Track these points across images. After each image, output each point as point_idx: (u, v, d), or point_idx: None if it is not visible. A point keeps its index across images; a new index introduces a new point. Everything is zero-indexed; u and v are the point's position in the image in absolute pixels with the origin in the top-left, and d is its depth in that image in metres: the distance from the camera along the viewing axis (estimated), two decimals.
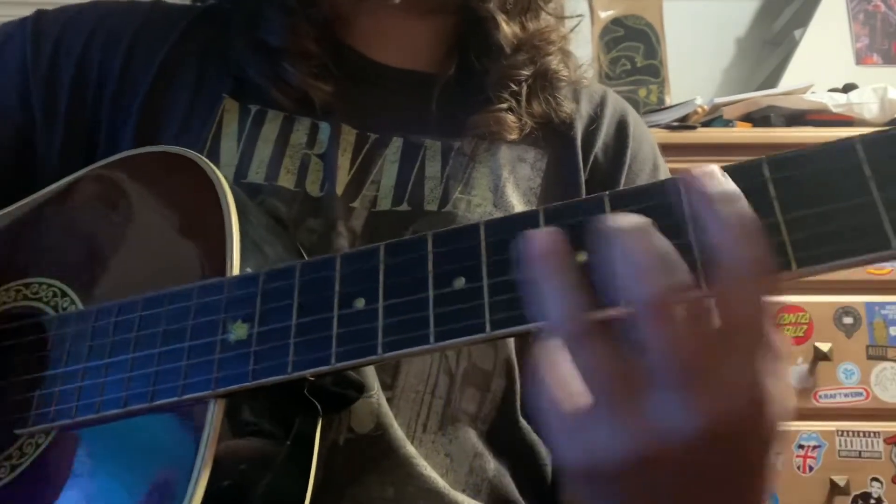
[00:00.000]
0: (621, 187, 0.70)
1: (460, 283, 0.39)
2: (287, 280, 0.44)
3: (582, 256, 0.36)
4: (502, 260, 0.39)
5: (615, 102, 0.76)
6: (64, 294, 0.53)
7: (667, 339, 0.33)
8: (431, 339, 0.39)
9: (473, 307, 0.39)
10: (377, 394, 0.56)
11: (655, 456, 0.34)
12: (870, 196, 0.33)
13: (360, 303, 0.41)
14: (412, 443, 0.57)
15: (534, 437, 0.64)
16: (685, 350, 0.33)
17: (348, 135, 0.66)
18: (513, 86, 0.69)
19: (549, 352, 0.37)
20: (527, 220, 0.39)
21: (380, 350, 0.40)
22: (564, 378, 0.36)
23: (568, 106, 0.72)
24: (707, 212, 0.34)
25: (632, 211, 0.36)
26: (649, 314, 0.33)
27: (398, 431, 0.56)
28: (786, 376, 0.36)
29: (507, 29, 0.69)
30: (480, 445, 0.60)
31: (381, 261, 0.42)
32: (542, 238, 0.36)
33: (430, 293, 0.40)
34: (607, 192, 0.38)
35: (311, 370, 0.42)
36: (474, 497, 0.59)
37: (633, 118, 0.75)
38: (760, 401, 0.34)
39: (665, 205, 0.36)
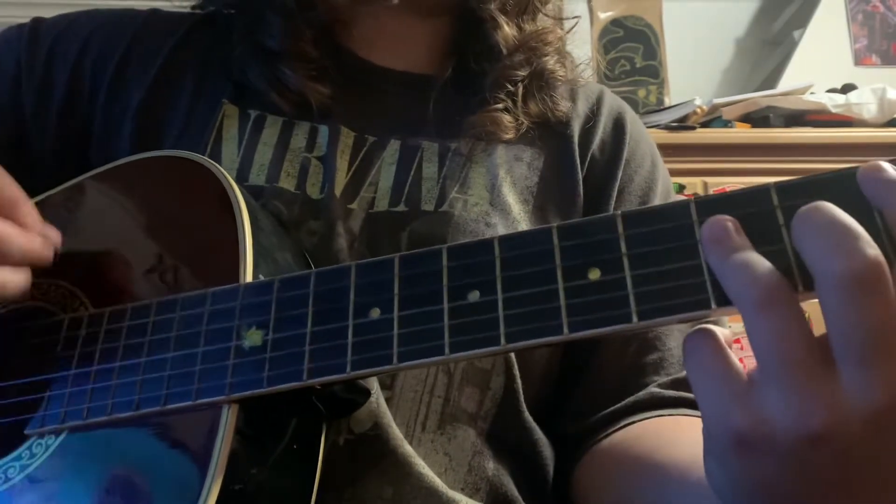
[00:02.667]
0: (618, 185, 0.70)
1: (475, 296, 0.40)
2: (302, 288, 0.44)
3: None
4: (516, 275, 0.40)
5: (612, 101, 0.76)
6: (73, 295, 0.53)
7: (865, 311, 0.32)
8: (446, 349, 0.39)
9: (488, 320, 0.39)
10: (376, 394, 0.56)
11: (829, 433, 0.33)
12: None
13: (375, 313, 0.42)
14: (411, 442, 0.57)
15: (536, 435, 0.64)
16: (877, 325, 0.32)
17: (347, 137, 0.66)
18: (509, 86, 0.69)
19: (705, 332, 0.37)
20: (540, 236, 0.40)
21: (395, 360, 0.40)
22: (725, 350, 0.36)
23: (564, 105, 0.72)
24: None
25: (644, 231, 0.38)
26: (845, 287, 0.32)
27: (396, 431, 0.57)
28: None
29: (507, 30, 0.69)
30: (480, 444, 0.61)
31: (396, 272, 0.42)
32: (716, 224, 0.36)
33: (445, 305, 0.40)
34: (620, 212, 0.39)
35: (327, 378, 0.42)
36: (473, 496, 0.59)
37: (630, 116, 0.76)
38: None
39: (681, 226, 0.37)
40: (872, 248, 0.32)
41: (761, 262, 0.35)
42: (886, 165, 0.35)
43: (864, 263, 0.32)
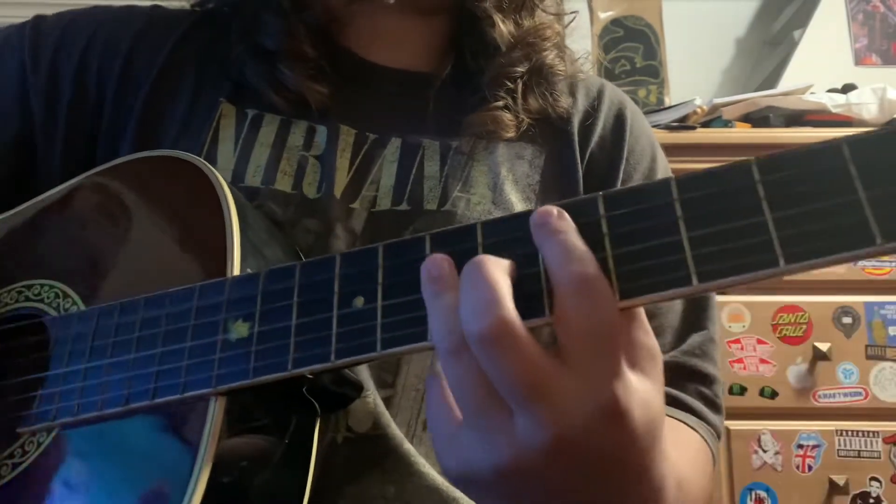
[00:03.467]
0: (619, 181, 0.70)
1: None
2: (287, 280, 0.44)
3: None
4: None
5: (612, 95, 0.76)
6: (66, 295, 0.53)
7: (503, 365, 0.35)
8: (429, 336, 0.39)
9: None
10: (373, 393, 0.56)
11: (517, 467, 0.37)
12: (855, 195, 0.34)
13: (359, 302, 0.42)
14: (412, 441, 0.58)
15: None
16: (523, 372, 0.35)
17: (347, 136, 0.66)
18: (508, 83, 0.69)
19: (438, 371, 0.40)
20: (521, 220, 0.40)
21: (378, 347, 0.40)
22: (447, 395, 0.40)
23: (564, 100, 0.72)
24: (541, 243, 0.38)
25: (625, 212, 0.38)
26: (482, 346, 0.35)
27: (396, 430, 0.57)
28: (650, 386, 0.38)
29: (503, 27, 0.69)
30: None
31: (380, 261, 0.42)
32: (432, 263, 0.39)
33: None
34: (601, 193, 0.39)
35: (311, 367, 0.42)
36: None
37: (632, 111, 0.75)
38: (613, 412, 0.36)
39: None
40: (502, 309, 0.35)
41: (455, 311, 0.37)
42: (553, 211, 0.38)
43: (493, 323, 0.35)
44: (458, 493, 0.57)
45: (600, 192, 0.38)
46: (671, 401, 0.63)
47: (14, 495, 0.48)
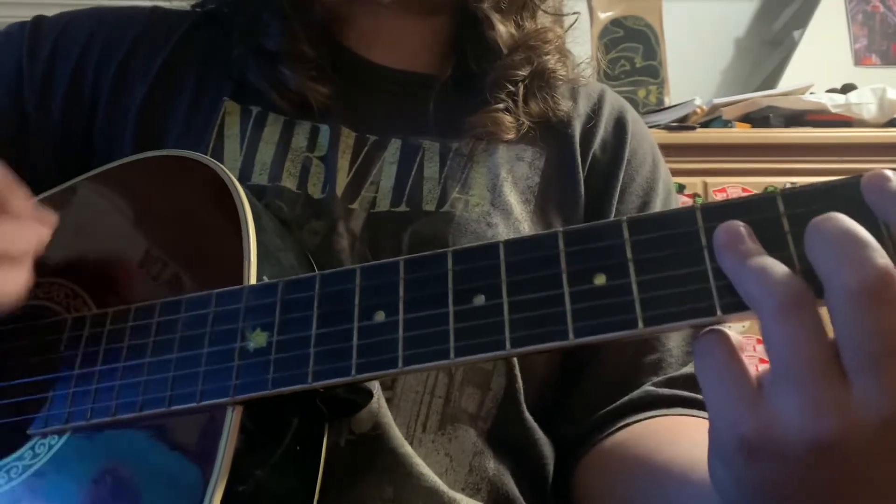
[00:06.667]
0: (620, 185, 0.70)
1: (480, 300, 0.40)
2: (307, 291, 0.44)
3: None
4: (521, 279, 0.40)
5: (613, 100, 0.76)
6: (77, 295, 0.53)
7: (876, 321, 0.32)
8: (451, 353, 0.39)
9: (494, 324, 0.39)
10: (377, 394, 0.56)
11: (842, 439, 0.33)
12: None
13: (380, 316, 0.42)
14: (412, 443, 0.57)
15: (537, 435, 0.64)
16: (886, 334, 0.32)
17: (347, 137, 0.66)
18: (510, 86, 0.69)
19: (718, 335, 0.37)
20: (545, 240, 0.40)
21: (400, 363, 0.40)
22: (737, 354, 0.36)
23: (565, 104, 0.72)
24: (888, 208, 0.35)
25: (650, 237, 0.38)
26: (858, 300, 0.32)
27: (397, 431, 0.57)
28: None
29: (503, 29, 0.69)
30: (480, 444, 0.61)
31: (401, 275, 0.42)
32: (728, 228, 0.36)
33: (451, 309, 0.40)
34: (626, 218, 0.39)
35: (332, 381, 0.42)
36: (474, 496, 0.59)
37: (632, 116, 0.76)
38: None
39: (688, 232, 0.37)
40: (882, 258, 0.32)
41: (780, 267, 0.35)
42: (891, 175, 0.35)
43: (874, 274, 0.32)
44: (458, 496, 0.57)
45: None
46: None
47: (23, 497, 0.47)
